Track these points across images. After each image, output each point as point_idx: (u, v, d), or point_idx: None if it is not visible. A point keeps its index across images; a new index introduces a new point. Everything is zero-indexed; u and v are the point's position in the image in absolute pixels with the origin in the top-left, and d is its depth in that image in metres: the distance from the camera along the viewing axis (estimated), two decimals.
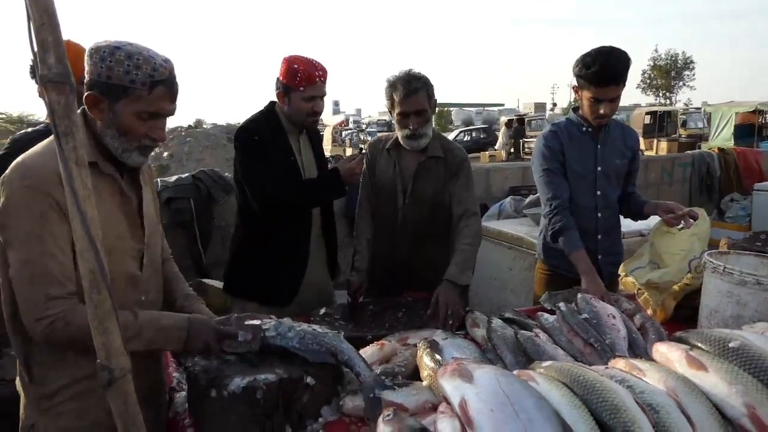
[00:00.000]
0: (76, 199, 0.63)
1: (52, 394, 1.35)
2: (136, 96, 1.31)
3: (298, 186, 2.33)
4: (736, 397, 1.01)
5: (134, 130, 1.35)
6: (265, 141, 2.29)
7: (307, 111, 2.28)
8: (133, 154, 1.39)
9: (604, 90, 2.27)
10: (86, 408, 1.35)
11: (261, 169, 2.26)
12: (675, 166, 7.34)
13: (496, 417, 0.87)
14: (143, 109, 1.33)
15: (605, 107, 2.30)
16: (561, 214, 2.38)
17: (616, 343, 1.62)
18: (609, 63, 2.23)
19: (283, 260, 2.36)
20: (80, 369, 1.36)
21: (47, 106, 0.63)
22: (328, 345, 1.49)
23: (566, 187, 2.44)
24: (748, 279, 1.68)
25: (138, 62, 1.29)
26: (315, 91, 2.26)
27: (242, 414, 1.35)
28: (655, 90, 45.04)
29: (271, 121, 2.35)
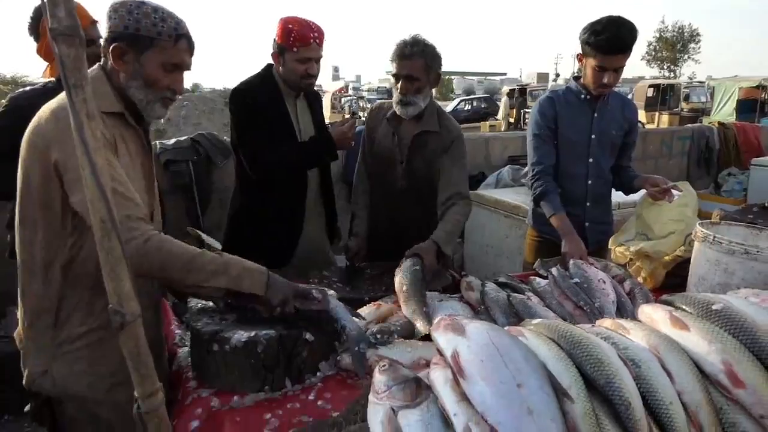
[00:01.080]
0: (87, 150, 0.65)
1: (72, 339, 1.39)
2: (162, 47, 1.37)
3: (290, 150, 2.33)
4: (715, 355, 1.06)
5: (159, 82, 1.41)
6: (259, 104, 2.29)
7: (301, 73, 2.27)
8: (156, 105, 1.44)
9: (611, 59, 2.27)
10: (102, 354, 1.39)
11: (254, 132, 2.27)
12: (674, 139, 7.33)
13: (486, 367, 0.92)
14: (168, 60, 1.40)
15: (609, 76, 2.31)
16: (543, 179, 2.42)
17: (605, 306, 1.67)
18: (619, 32, 2.24)
19: (279, 222, 2.40)
20: (99, 317, 1.40)
21: (57, 59, 0.65)
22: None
23: (552, 154, 2.47)
24: (736, 248, 1.72)
25: (163, 15, 1.37)
26: (309, 52, 2.24)
27: (244, 368, 1.40)
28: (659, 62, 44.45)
29: (267, 83, 2.34)
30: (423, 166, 2.45)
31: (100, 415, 1.41)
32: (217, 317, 1.55)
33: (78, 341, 1.39)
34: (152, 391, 0.80)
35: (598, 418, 0.94)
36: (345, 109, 23.11)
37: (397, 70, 2.32)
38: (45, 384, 1.38)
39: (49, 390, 1.39)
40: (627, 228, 2.30)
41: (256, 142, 2.27)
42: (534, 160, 2.48)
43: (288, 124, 2.35)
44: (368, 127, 2.60)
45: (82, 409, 1.39)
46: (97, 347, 1.40)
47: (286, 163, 2.32)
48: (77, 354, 1.39)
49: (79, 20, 0.66)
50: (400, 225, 2.51)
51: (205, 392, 1.42)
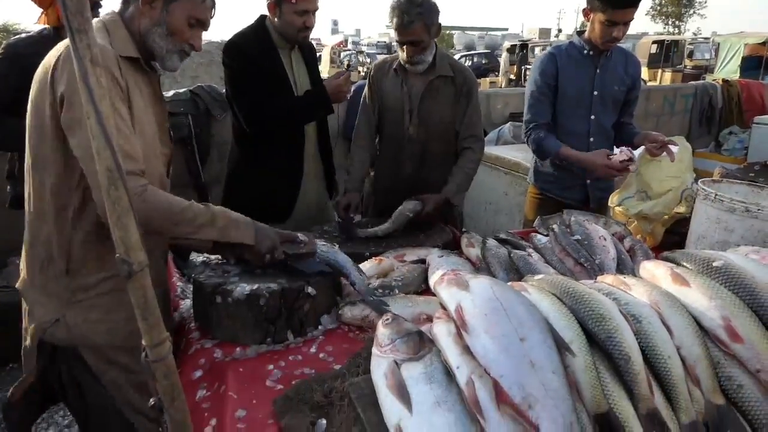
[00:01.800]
0: (92, 97, 0.64)
1: (86, 287, 1.39)
2: (191, 0, 1.40)
3: (284, 103, 2.30)
4: (714, 310, 1.07)
5: (182, 33, 1.42)
6: (254, 57, 2.24)
7: (299, 25, 2.22)
8: (174, 56, 1.45)
9: (621, 12, 2.23)
10: (118, 303, 1.39)
11: (248, 86, 2.23)
12: (677, 96, 7.25)
13: (489, 320, 0.94)
14: (194, 15, 1.42)
15: (618, 30, 2.27)
16: (535, 131, 2.44)
17: (606, 263, 1.68)
18: None
19: (278, 177, 2.38)
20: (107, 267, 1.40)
21: (60, 2, 0.62)
22: (323, 256, 1.56)
23: (548, 113, 2.47)
24: (737, 206, 1.72)
25: None
26: (307, 4, 2.19)
27: (246, 319, 1.42)
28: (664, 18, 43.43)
29: (261, 36, 2.29)
30: (434, 110, 2.46)
31: (118, 361, 1.42)
32: (220, 270, 1.56)
33: (93, 289, 1.39)
34: (160, 340, 0.81)
35: (599, 371, 0.96)
36: (344, 63, 22.70)
37: (399, 37, 2.33)
38: (58, 333, 1.38)
39: (62, 339, 1.38)
40: (627, 185, 2.30)
41: (250, 96, 2.24)
42: (528, 117, 2.49)
43: (283, 76, 2.31)
44: (374, 80, 2.56)
45: (98, 357, 1.40)
46: (114, 295, 1.40)
47: (280, 116, 2.29)
48: (93, 302, 1.39)
49: None
50: (404, 177, 2.51)
51: (209, 343, 1.45)
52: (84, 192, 1.32)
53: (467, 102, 2.47)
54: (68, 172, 1.31)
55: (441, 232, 2.25)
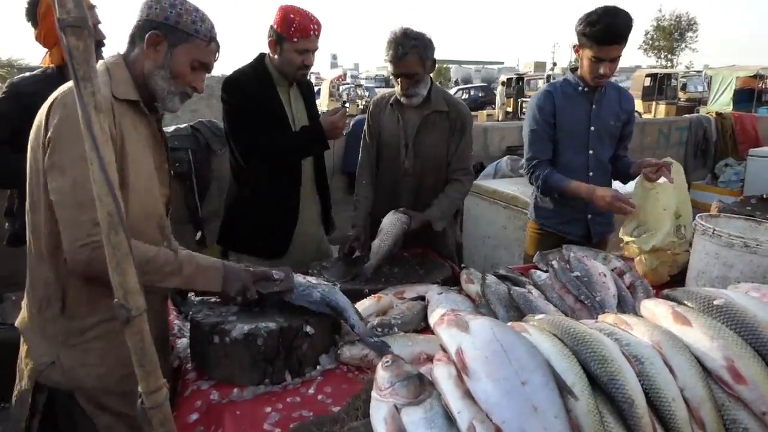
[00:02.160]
0: (95, 143, 0.64)
1: (82, 330, 1.38)
2: (196, 44, 1.42)
3: (279, 139, 2.32)
4: (716, 351, 1.06)
5: (184, 76, 1.44)
6: (252, 93, 2.28)
7: (298, 64, 2.26)
8: (176, 98, 1.47)
9: (607, 49, 2.27)
10: (113, 348, 1.37)
11: (246, 121, 2.27)
12: (672, 129, 7.33)
13: (490, 363, 0.92)
14: (198, 58, 1.44)
15: (605, 67, 2.31)
16: (539, 168, 2.45)
17: (606, 300, 1.67)
18: (614, 22, 2.23)
19: (275, 214, 2.39)
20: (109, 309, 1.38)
21: (65, 50, 0.63)
22: (324, 296, 1.54)
23: (548, 150, 2.49)
24: (735, 241, 1.73)
25: (203, 16, 1.44)
26: (308, 44, 2.24)
27: (244, 359, 1.41)
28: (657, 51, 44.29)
29: (260, 73, 2.33)
30: (430, 146, 2.50)
31: (111, 406, 1.40)
32: (218, 309, 1.55)
33: (89, 332, 1.38)
34: (156, 387, 0.80)
35: (602, 415, 0.94)
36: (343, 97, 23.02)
37: (394, 70, 2.38)
38: (53, 375, 1.36)
39: (58, 382, 1.37)
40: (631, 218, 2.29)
41: (247, 133, 2.27)
42: (530, 155, 2.51)
43: (281, 113, 2.34)
44: (372, 115, 2.60)
45: (91, 401, 1.38)
46: (110, 339, 1.38)
47: (276, 152, 2.31)
48: (88, 345, 1.38)
49: (87, 11, 0.65)
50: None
51: (205, 384, 1.43)
52: None
53: (461, 136, 2.52)
54: None
55: (440, 268, 2.24)
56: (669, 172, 2.18)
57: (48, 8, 2.22)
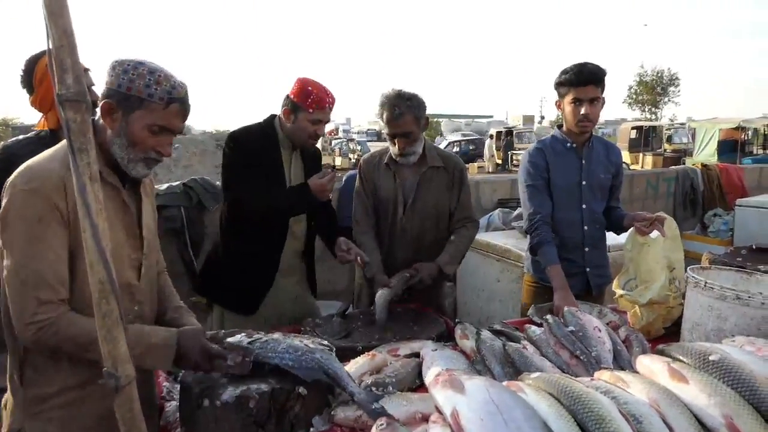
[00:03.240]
0: (89, 212, 0.65)
1: (42, 399, 1.36)
2: (151, 109, 1.37)
3: (269, 195, 2.34)
4: (714, 408, 1.05)
5: (143, 142, 1.40)
6: (254, 150, 2.33)
7: (310, 132, 2.33)
8: (138, 165, 1.43)
9: (584, 89, 2.38)
10: (75, 416, 1.35)
11: (242, 174, 2.31)
12: (660, 180, 7.46)
13: (486, 426, 0.91)
14: (155, 122, 1.39)
15: (586, 108, 2.40)
16: (540, 229, 2.46)
17: (602, 355, 1.66)
18: (585, 66, 2.40)
19: (250, 270, 2.38)
20: (73, 377, 1.37)
21: (63, 123, 0.65)
22: (320, 363, 1.50)
23: (548, 204, 2.52)
24: (728, 294, 1.73)
25: (159, 78, 1.37)
26: (322, 115, 2.32)
27: (234, 423, 1.36)
28: (641, 105, 45.65)
29: (267, 133, 2.38)
30: (429, 201, 2.54)
31: None
32: None
33: (49, 401, 1.36)
34: None
35: None
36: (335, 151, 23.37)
37: (390, 130, 2.45)
38: None
39: None
40: (627, 267, 2.30)
41: (239, 185, 2.31)
42: (531, 210, 2.51)
43: (279, 175, 2.38)
44: (365, 173, 2.63)
45: None
46: (70, 408, 1.36)
47: (261, 209, 2.32)
48: (49, 415, 1.35)
49: (85, 85, 0.68)
50: (396, 268, 2.50)
51: None
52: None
53: (460, 187, 2.58)
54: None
55: (435, 323, 2.22)
56: (662, 226, 2.20)
57: (44, 74, 2.28)
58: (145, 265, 1.55)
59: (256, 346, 1.49)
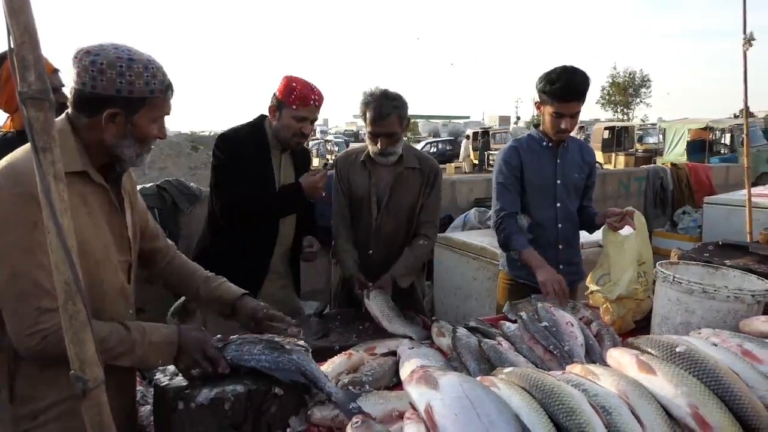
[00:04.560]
0: (53, 212, 0.64)
1: (35, 414, 1.30)
2: (154, 104, 1.33)
3: (260, 197, 2.34)
4: (681, 398, 1.08)
5: (150, 134, 1.37)
6: (244, 152, 2.31)
7: (295, 130, 2.31)
8: (144, 156, 1.42)
9: (566, 105, 2.39)
10: (69, 428, 1.30)
11: (231, 177, 2.29)
12: (631, 179, 7.62)
13: (459, 421, 0.92)
14: (159, 115, 1.37)
15: (566, 122, 2.42)
16: (504, 222, 2.49)
17: (574, 349, 1.69)
18: (572, 81, 2.36)
19: (240, 272, 2.36)
20: (68, 388, 1.32)
21: (25, 122, 0.64)
22: (297, 363, 1.49)
23: (516, 202, 2.55)
24: (695, 288, 1.78)
25: (154, 71, 1.31)
26: (307, 112, 2.29)
27: (210, 426, 1.35)
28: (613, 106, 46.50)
29: (256, 133, 2.37)
30: (403, 201, 2.54)
31: None
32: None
33: (42, 415, 1.30)
34: None
35: None
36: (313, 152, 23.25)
37: (375, 129, 2.42)
38: None
39: None
40: (601, 263, 2.34)
41: (230, 188, 2.29)
42: (497, 207, 2.56)
43: (269, 176, 2.37)
44: (340, 171, 2.63)
45: None
46: (65, 420, 1.31)
47: (254, 210, 2.31)
48: (43, 430, 1.30)
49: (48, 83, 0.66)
50: (373, 267, 2.51)
51: None
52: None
53: (431, 190, 2.58)
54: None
55: (412, 322, 2.23)
56: (632, 220, 2.25)
57: (9, 75, 2.23)
58: (134, 268, 1.53)
59: (232, 349, 1.48)
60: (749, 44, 3.44)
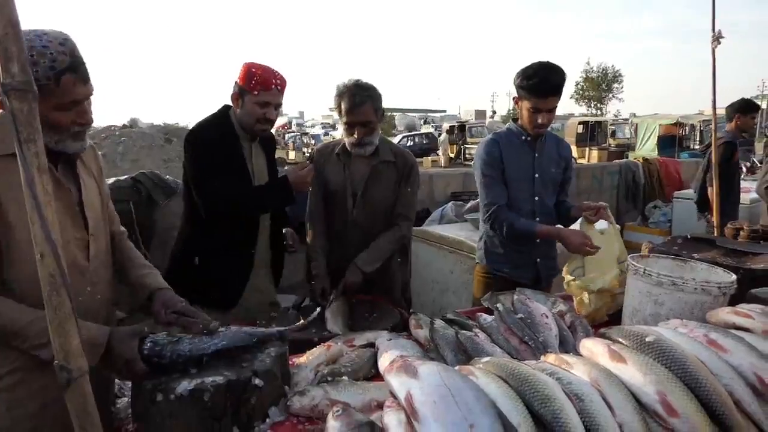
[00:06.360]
0: (37, 204, 0.64)
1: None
2: (46, 92, 1.24)
3: (246, 192, 2.32)
4: (650, 386, 1.12)
5: (60, 122, 1.32)
6: (214, 144, 2.28)
7: (258, 116, 2.27)
8: (68, 142, 1.37)
9: (543, 101, 2.42)
10: (20, 399, 1.32)
11: (210, 173, 2.24)
12: (604, 174, 7.77)
13: (438, 408, 0.94)
14: (59, 102, 1.29)
15: (543, 117, 2.46)
16: (501, 215, 2.51)
17: (548, 340, 1.73)
18: (549, 76, 2.40)
19: (229, 264, 2.35)
20: (16, 360, 1.33)
21: (8, 113, 0.64)
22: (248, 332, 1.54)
23: (504, 193, 2.56)
24: (664, 280, 1.83)
25: (33, 59, 1.20)
26: (269, 96, 2.26)
27: (190, 417, 1.35)
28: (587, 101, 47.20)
29: (224, 125, 2.34)
30: (378, 195, 2.54)
31: None
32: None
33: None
34: None
35: None
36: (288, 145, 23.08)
37: (350, 118, 2.43)
38: None
39: None
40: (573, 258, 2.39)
41: (212, 181, 2.25)
42: (487, 201, 2.56)
43: (242, 166, 2.34)
44: (317, 164, 2.63)
45: None
46: (15, 389, 1.32)
47: (242, 203, 2.30)
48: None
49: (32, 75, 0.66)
50: (349, 260, 2.52)
51: None
52: None
53: (406, 183, 2.59)
54: None
55: (390, 315, 2.26)
56: (609, 215, 2.32)
57: None
58: (93, 245, 1.50)
59: (186, 341, 1.48)
60: (718, 42, 3.53)
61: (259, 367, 1.47)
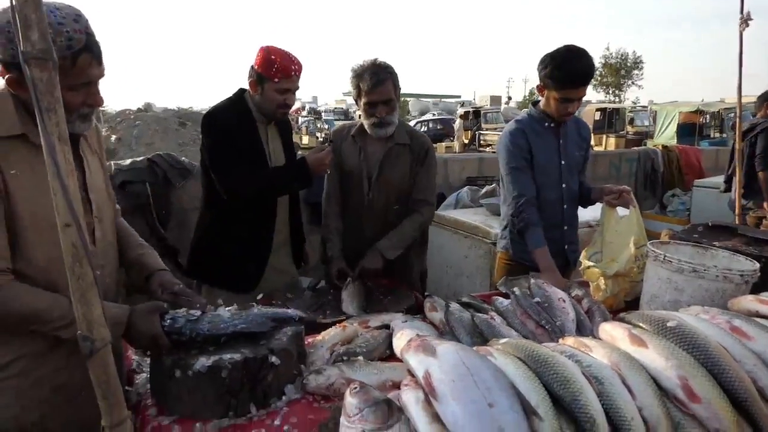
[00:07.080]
0: (59, 172, 0.64)
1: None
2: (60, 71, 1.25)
3: (265, 175, 2.33)
4: (671, 371, 1.11)
5: (70, 103, 1.28)
6: (231, 129, 2.28)
7: (279, 102, 2.28)
8: (76, 123, 1.35)
9: (575, 91, 2.35)
10: (29, 386, 1.33)
11: (228, 156, 2.26)
12: (622, 161, 7.65)
13: (457, 386, 0.94)
14: (73, 82, 1.26)
15: (573, 106, 2.40)
16: (526, 212, 2.43)
17: (566, 324, 1.71)
18: (579, 65, 2.32)
19: (248, 246, 2.37)
20: (27, 345, 1.34)
21: (29, 82, 0.63)
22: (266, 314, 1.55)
23: (532, 185, 2.48)
24: (684, 267, 1.80)
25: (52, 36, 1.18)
26: (289, 83, 2.26)
27: (207, 393, 1.37)
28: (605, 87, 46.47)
29: (240, 109, 2.34)
30: (393, 178, 2.53)
31: None
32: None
33: (2, 372, 1.33)
34: (120, 419, 0.78)
35: None
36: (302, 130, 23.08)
37: (372, 98, 2.39)
38: None
39: None
40: (594, 241, 2.36)
41: (230, 164, 2.26)
42: (516, 193, 2.47)
43: (259, 149, 2.35)
44: (334, 145, 2.62)
45: None
46: (25, 377, 1.33)
47: (261, 186, 2.31)
48: (2, 385, 1.32)
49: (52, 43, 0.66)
50: (367, 242, 2.52)
51: (166, 420, 1.37)
52: None
53: (422, 167, 2.56)
54: None
55: (405, 297, 2.25)
56: (632, 198, 2.27)
57: None
58: (99, 229, 1.50)
59: (205, 321, 1.49)
60: (746, 24, 3.42)
61: (275, 346, 1.48)
